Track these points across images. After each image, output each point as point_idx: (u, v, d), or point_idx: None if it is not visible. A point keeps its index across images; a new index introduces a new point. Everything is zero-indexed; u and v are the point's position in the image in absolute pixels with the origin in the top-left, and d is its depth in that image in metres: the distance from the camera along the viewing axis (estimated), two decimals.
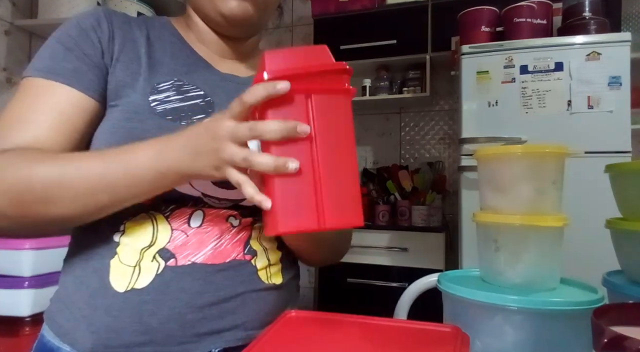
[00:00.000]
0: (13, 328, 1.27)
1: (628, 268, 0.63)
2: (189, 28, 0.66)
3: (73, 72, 0.55)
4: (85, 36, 0.56)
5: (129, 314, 0.52)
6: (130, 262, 0.54)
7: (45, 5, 1.91)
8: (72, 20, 0.58)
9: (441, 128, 2.59)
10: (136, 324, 0.52)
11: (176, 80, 0.59)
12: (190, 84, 0.60)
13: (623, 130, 1.57)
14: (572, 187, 0.86)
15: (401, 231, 2.13)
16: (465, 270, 0.74)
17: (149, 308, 0.53)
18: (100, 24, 0.58)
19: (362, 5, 2.41)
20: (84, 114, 0.55)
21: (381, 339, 0.49)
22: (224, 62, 0.67)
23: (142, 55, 0.59)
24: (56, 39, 0.57)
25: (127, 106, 0.56)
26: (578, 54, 1.62)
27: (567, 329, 0.54)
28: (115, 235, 0.55)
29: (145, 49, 0.60)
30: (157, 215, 0.55)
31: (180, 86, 0.59)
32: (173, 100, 0.57)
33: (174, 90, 0.58)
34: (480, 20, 1.87)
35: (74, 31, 0.56)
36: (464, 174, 1.73)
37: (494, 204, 0.65)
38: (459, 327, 0.51)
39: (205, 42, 0.66)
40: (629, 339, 0.30)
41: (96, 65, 0.56)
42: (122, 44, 0.58)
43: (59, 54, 0.55)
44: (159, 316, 0.53)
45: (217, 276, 0.56)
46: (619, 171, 0.64)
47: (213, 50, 0.66)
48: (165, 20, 0.67)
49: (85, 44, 0.56)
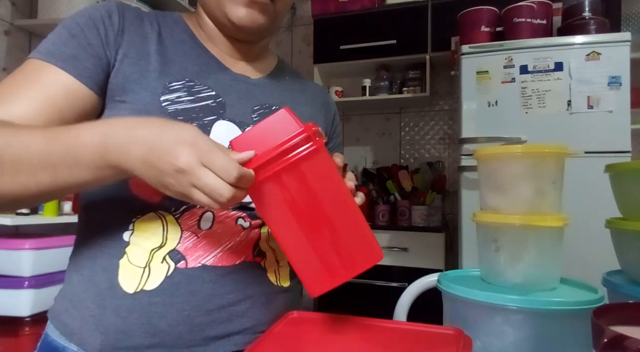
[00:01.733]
0: (13, 328, 1.27)
1: (628, 268, 0.63)
2: (200, 26, 0.65)
3: (71, 58, 0.53)
4: (92, 25, 0.55)
5: (138, 316, 0.52)
6: (139, 263, 0.53)
7: (45, 5, 1.91)
8: (85, 8, 0.58)
9: (441, 128, 2.59)
10: (145, 326, 0.52)
11: (188, 81, 0.58)
12: (201, 84, 0.59)
13: (623, 130, 1.57)
14: (572, 187, 0.86)
15: (401, 231, 2.13)
16: (465, 270, 0.74)
17: (158, 310, 0.52)
18: (112, 16, 0.57)
19: (362, 5, 2.41)
20: (73, 100, 0.53)
21: (384, 341, 0.49)
22: (235, 62, 0.66)
23: (153, 53, 0.58)
24: (64, 26, 0.56)
25: (136, 104, 0.55)
26: (578, 54, 1.62)
27: (567, 329, 0.54)
28: (124, 234, 0.55)
29: (156, 47, 0.59)
30: (166, 215, 0.55)
31: (191, 87, 0.58)
32: (184, 100, 0.57)
33: (185, 90, 0.57)
34: (480, 20, 1.87)
35: (82, 19, 0.56)
36: (464, 174, 1.73)
37: (494, 204, 0.65)
38: (461, 329, 0.51)
39: (215, 42, 0.65)
40: (629, 339, 0.30)
41: (97, 55, 0.55)
42: (131, 40, 0.57)
43: (61, 39, 0.54)
44: (168, 319, 0.52)
45: (226, 279, 0.55)
46: (619, 171, 0.64)
47: (223, 50, 0.65)
48: (177, 16, 0.65)
49: (90, 33, 0.55)
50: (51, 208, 1.45)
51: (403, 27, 2.34)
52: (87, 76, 0.54)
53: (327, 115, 0.75)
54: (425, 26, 2.30)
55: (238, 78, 0.64)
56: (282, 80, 0.71)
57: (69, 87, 0.53)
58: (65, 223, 1.49)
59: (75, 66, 0.53)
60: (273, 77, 0.69)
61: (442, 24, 2.25)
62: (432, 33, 2.30)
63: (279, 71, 0.72)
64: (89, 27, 0.55)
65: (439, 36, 2.27)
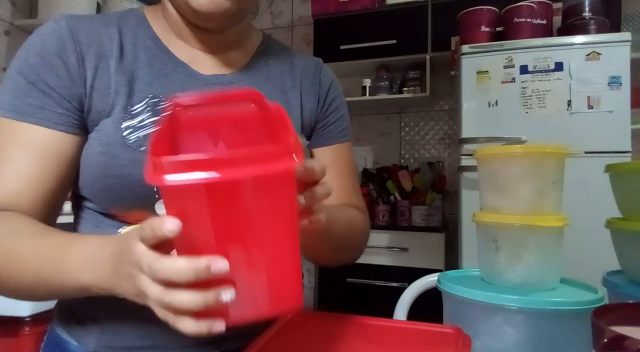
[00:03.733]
0: (13, 328, 1.27)
1: (628, 268, 0.63)
2: (165, 20, 0.59)
3: (39, 109, 0.50)
4: (48, 65, 0.51)
5: (130, 317, 0.53)
6: None
7: (45, 5, 1.91)
8: (32, 42, 0.52)
9: (441, 128, 2.59)
10: (137, 328, 0.53)
11: (150, 98, 0.54)
12: (167, 98, 0.55)
13: (623, 130, 1.57)
14: (572, 187, 0.86)
15: (401, 231, 2.13)
16: (465, 270, 0.74)
17: (149, 313, 0.52)
18: (66, 46, 0.52)
19: (362, 5, 2.41)
20: (57, 150, 0.51)
21: (383, 340, 0.50)
22: (206, 59, 0.60)
23: (113, 73, 0.53)
24: (17, 70, 0.51)
25: (100, 138, 0.52)
26: (578, 54, 1.62)
27: (567, 329, 0.54)
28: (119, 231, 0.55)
29: (115, 65, 0.54)
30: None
31: (155, 104, 0.54)
32: (147, 124, 0.53)
33: (148, 110, 0.53)
34: (480, 20, 1.87)
35: (34, 60, 0.51)
36: (464, 174, 1.73)
37: (494, 204, 0.65)
38: (460, 328, 0.51)
39: (183, 36, 0.59)
40: (629, 339, 0.30)
41: (63, 98, 0.51)
42: (94, 67, 0.53)
43: (22, 89, 0.51)
44: (159, 321, 0.52)
45: None
46: (619, 171, 0.64)
47: (193, 45, 0.59)
48: (139, 16, 0.59)
49: (48, 75, 0.51)
50: None
51: (403, 27, 2.34)
52: (63, 123, 0.51)
53: (319, 94, 0.67)
54: (425, 26, 2.30)
55: (209, 81, 0.58)
56: (264, 66, 0.64)
57: (49, 141, 0.51)
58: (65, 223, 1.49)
59: (47, 117, 0.51)
60: (252, 68, 0.63)
61: (442, 24, 2.25)
62: (432, 33, 2.30)
63: (261, 55, 0.65)
64: (44, 68, 0.51)
65: (439, 36, 2.27)
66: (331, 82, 0.70)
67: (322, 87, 0.68)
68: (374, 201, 2.36)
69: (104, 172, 0.51)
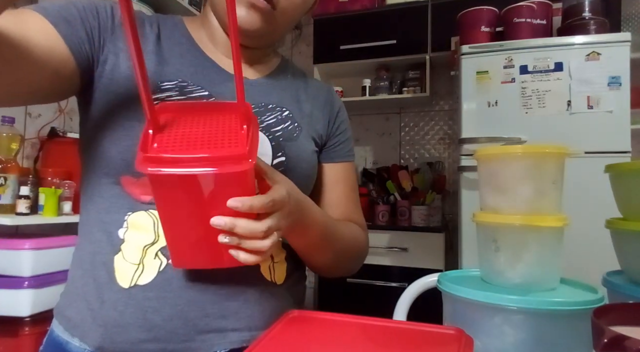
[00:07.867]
0: (13, 328, 1.26)
1: (628, 268, 0.63)
2: (203, 27, 0.66)
3: (64, 20, 0.53)
4: (94, 8, 0.57)
5: (133, 310, 0.53)
6: (133, 259, 0.55)
7: None
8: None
9: (441, 128, 2.59)
10: (140, 320, 0.53)
11: (180, 81, 0.59)
12: (194, 84, 0.60)
13: (623, 130, 1.57)
14: (572, 187, 0.86)
15: (401, 231, 2.13)
16: (465, 270, 0.74)
17: (152, 305, 0.53)
18: (114, 9, 0.58)
19: (362, 5, 2.41)
20: (49, 50, 0.50)
21: (384, 340, 0.49)
22: (231, 63, 0.65)
23: (149, 53, 0.59)
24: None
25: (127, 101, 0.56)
26: (578, 54, 1.62)
27: (567, 329, 0.54)
28: (119, 231, 0.56)
29: (152, 47, 0.60)
30: (156, 213, 0.55)
31: (184, 87, 0.59)
32: (174, 100, 0.57)
33: (177, 90, 0.58)
34: (480, 20, 1.87)
35: (85, 1, 0.57)
36: (464, 174, 1.73)
37: (494, 204, 0.65)
38: (462, 329, 0.51)
39: (216, 41, 0.65)
40: (629, 339, 0.30)
41: (89, 31, 0.55)
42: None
43: (61, 6, 0.55)
44: (162, 313, 0.53)
45: (218, 274, 0.56)
46: (619, 171, 0.64)
47: (222, 51, 0.65)
48: (178, 19, 0.67)
49: (90, 14, 0.56)
50: (51, 208, 1.45)
51: (403, 27, 2.34)
52: (74, 41, 0.53)
53: (330, 113, 0.75)
54: (425, 26, 2.31)
55: (233, 77, 0.63)
56: (282, 79, 0.71)
57: (51, 38, 0.51)
58: (65, 223, 1.48)
59: (65, 27, 0.53)
60: (272, 77, 0.70)
61: (442, 24, 2.25)
62: (432, 33, 2.30)
63: (281, 71, 0.72)
64: (90, 9, 0.56)
65: (439, 36, 2.27)
66: (340, 106, 0.79)
67: (333, 108, 0.76)
68: (374, 201, 2.36)
69: (127, 134, 0.55)
